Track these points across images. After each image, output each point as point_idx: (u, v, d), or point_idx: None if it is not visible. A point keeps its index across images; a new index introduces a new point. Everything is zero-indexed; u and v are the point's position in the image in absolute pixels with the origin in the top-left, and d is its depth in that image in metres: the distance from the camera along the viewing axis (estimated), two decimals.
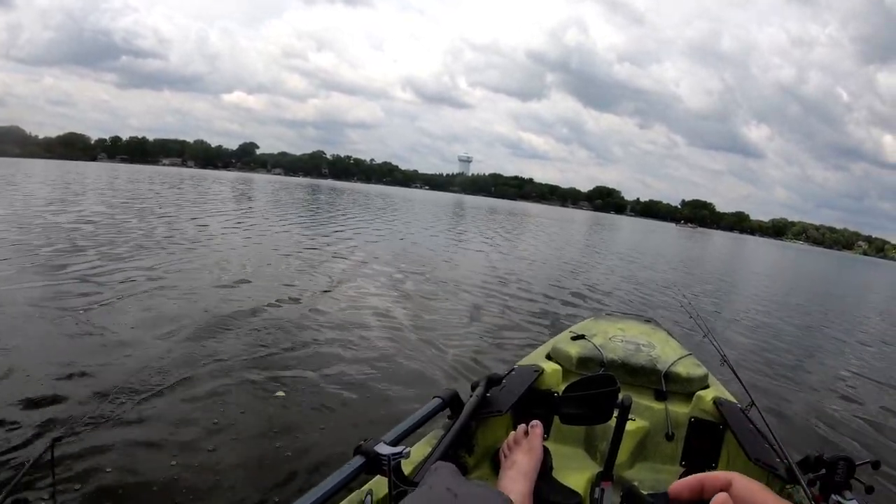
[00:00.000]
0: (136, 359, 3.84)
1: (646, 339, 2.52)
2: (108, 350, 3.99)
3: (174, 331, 4.54)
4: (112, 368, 3.66)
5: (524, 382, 2.06)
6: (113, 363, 3.75)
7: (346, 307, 6.04)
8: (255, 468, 2.64)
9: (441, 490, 1.04)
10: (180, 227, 11.93)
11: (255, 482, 2.52)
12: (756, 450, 1.72)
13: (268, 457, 2.75)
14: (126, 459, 2.60)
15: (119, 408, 3.10)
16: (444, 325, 5.73)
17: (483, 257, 12.70)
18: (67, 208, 13.62)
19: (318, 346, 4.58)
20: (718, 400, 2.04)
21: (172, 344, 4.22)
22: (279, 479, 2.55)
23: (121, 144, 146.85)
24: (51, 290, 5.39)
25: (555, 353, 2.37)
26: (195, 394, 3.39)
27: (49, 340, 4.09)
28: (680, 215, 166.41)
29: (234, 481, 2.51)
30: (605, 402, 1.47)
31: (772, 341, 7.42)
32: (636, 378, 2.21)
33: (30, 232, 9.00)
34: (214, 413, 3.16)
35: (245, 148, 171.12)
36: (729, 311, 9.90)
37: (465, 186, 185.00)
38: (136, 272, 6.62)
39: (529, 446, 1.61)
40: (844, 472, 1.43)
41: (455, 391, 1.76)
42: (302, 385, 3.69)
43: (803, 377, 5.79)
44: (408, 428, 1.49)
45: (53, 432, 2.75)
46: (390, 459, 1.25)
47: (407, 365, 4.36)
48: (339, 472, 1.23)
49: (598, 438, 2.00)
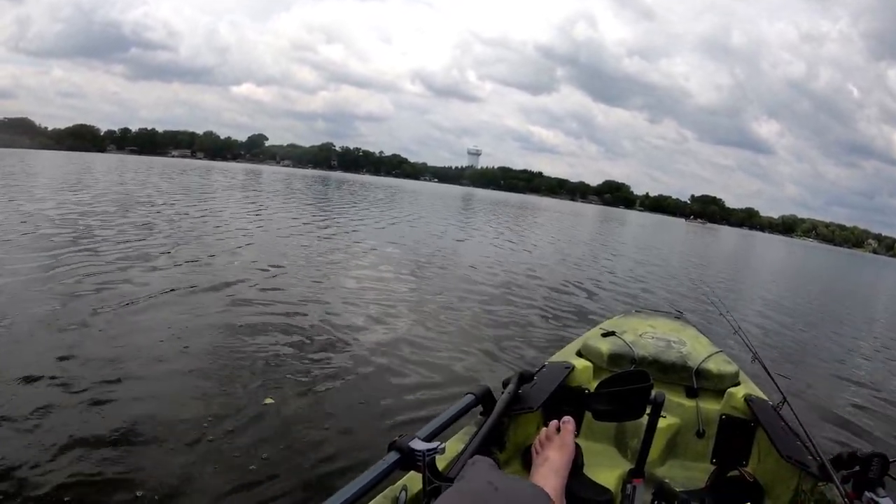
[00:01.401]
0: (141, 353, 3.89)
1: (676, 336, 2.51)
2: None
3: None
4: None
5: (555, 379, 2.06)
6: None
7: (374, 303, 6.04)
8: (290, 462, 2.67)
9: (482, 483, 1.05)
10: (189, 220, 11.97)
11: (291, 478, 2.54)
12: (788, 447, 1.72)
13: (302, 450, 2.79)
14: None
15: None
16: (471, 322, 5.73)
17: (498, 251, 12.68)
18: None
19: (346, 343, 4.57)
20: (749, 397, 2.04)
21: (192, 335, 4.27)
22: (313, 474, 2.58)
23: (130, 136, 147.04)
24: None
25: (585, 350, 2.37)
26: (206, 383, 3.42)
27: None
28: (689, 211, 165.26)
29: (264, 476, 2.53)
30: (637, 399, 1.48)
31: (803, 338, 7.41)
32: (667, 375, 2.20)
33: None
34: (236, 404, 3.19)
35: (254, 140, 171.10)
36: (754, 307, 9.86)
37: (475, 179, 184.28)
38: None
39: (561, 443, 1.61)
40: (879, 469, 1.41)
41: (487, 387, 1.76)
42: (329, 382, 3.68)
43: (836, 374, 5.77)
44: (441, 424, 1.50)
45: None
46: (425, 455, 1.25)
47: (436, 362, 4.36)
48: (374, 468, 1.23)
49: (628, 435, 2.01)
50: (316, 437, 2.93)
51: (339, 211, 19.43)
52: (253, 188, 28.99)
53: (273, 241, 9.85)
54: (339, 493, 1.13)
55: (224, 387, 3.42)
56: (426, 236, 13.74)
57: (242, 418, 3.02)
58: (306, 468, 2.63)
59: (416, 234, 14.08)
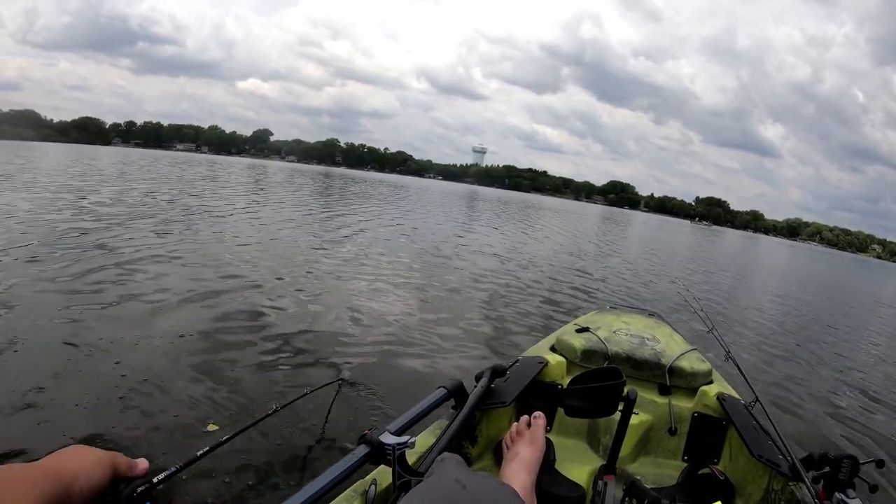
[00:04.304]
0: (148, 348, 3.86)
1: (650, 333, 2.52)
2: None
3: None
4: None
5: (528, 374, 2.07)
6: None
7: (348, 293, 6.04)
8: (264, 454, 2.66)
9: (449, 481, 1.04)
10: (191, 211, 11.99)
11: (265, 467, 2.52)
12: (759, 446, 1.73)
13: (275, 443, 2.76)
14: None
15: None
16: (450, 314, 5.72)
17: (494, 246, 12.64)
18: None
19: (320, 333, 4.51)
20: (722, 395, 2.04)
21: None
22: (285, 466, 2.56)
23: (135, 129, 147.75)
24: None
25: (559, 345, 2.38)
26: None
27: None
28: (694, 212, 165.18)
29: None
30: (610, 396, 1.48)
31: (779, 338, 7.39)
32: (640, 372, 2.21)
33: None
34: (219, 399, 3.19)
35: (259, 135, 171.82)
36: (737, 306, 9.85)
37: (479, 177, 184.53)
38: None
39: (532, 438, 1.61)
40: (849, 471, 1.43)
41: (460, 381, 1.77)
42: (294, 375, 3.60)
43: (809, 375, 5.74)
44: (412, 418, 1.50)
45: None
46: (395, 449, 1.26)
47: (410, 353, 4.33)
48: (344, 462, 1.24)
49: (600, 431, 2.01)
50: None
51: (348, 206, 19.40)
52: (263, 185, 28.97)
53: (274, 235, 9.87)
54: (309, 485, 1.13)
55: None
56: (421, 233, 13.71)
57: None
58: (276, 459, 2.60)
59: (424, 232, 14.06)
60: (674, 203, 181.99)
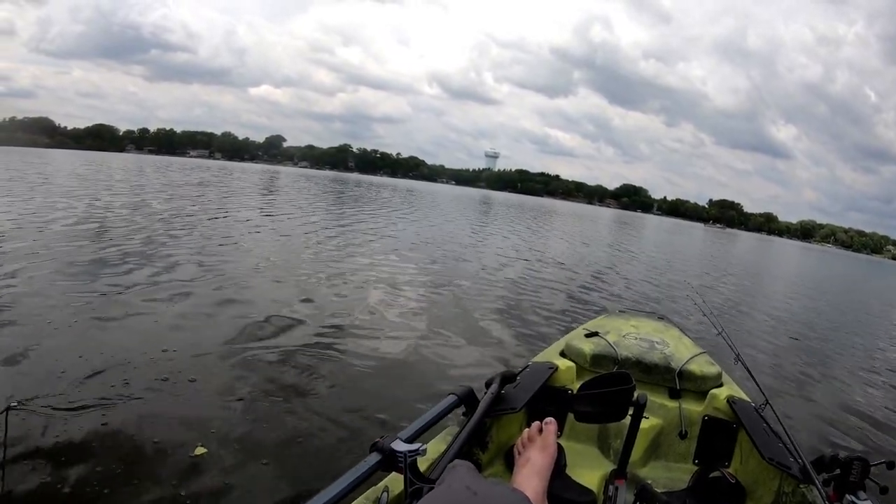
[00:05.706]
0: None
1: (659, 337, 2.53)
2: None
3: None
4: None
5: (538, 380, 2.07)
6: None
7: (360, 300, 6.08)
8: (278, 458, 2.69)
9: (461, 488, 1.05)
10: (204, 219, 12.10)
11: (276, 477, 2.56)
12: (770, 449, 1.72)
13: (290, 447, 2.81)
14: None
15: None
16: (460, 320, 5.74)
17: (505, 250, 12.69)
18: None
19: (327, 341, 4.54)
20: (732, 399, 2.04)
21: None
22: (295, 474, 2.58)
23: (149, 136, 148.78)
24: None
25: (569, 350, 2.38)
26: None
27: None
28: (707, 215, 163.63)
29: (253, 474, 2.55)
30: (620, 400, 1.49)
31: (789, 341, 7.34)
32: (650, 376, 2.22)
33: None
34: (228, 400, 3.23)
35: (272, 141, 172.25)
36: (746, 308, 9.81)
37: (492, 182, 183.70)
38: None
39: (543, 444, 1.58)
40: (859, 473, 1.43)
41: (470, 388, 1.76)
42: (310, 383, 3.65)
43: (820, 378, 5.70)
44: (423, 425, 1.50)
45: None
46: (406, 457, 1.26)
47: (422, 360, 4.37)
48: (356, 469, 1.23)
49: (611, 436, 2.02)
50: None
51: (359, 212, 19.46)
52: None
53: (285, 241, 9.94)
54: (321, 494, 1.13)
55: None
56: (433, 237, 13.74)
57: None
58: (290, 468, 2.65)
59: (428, 236, 14.08)
60: (687, 206, 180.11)
